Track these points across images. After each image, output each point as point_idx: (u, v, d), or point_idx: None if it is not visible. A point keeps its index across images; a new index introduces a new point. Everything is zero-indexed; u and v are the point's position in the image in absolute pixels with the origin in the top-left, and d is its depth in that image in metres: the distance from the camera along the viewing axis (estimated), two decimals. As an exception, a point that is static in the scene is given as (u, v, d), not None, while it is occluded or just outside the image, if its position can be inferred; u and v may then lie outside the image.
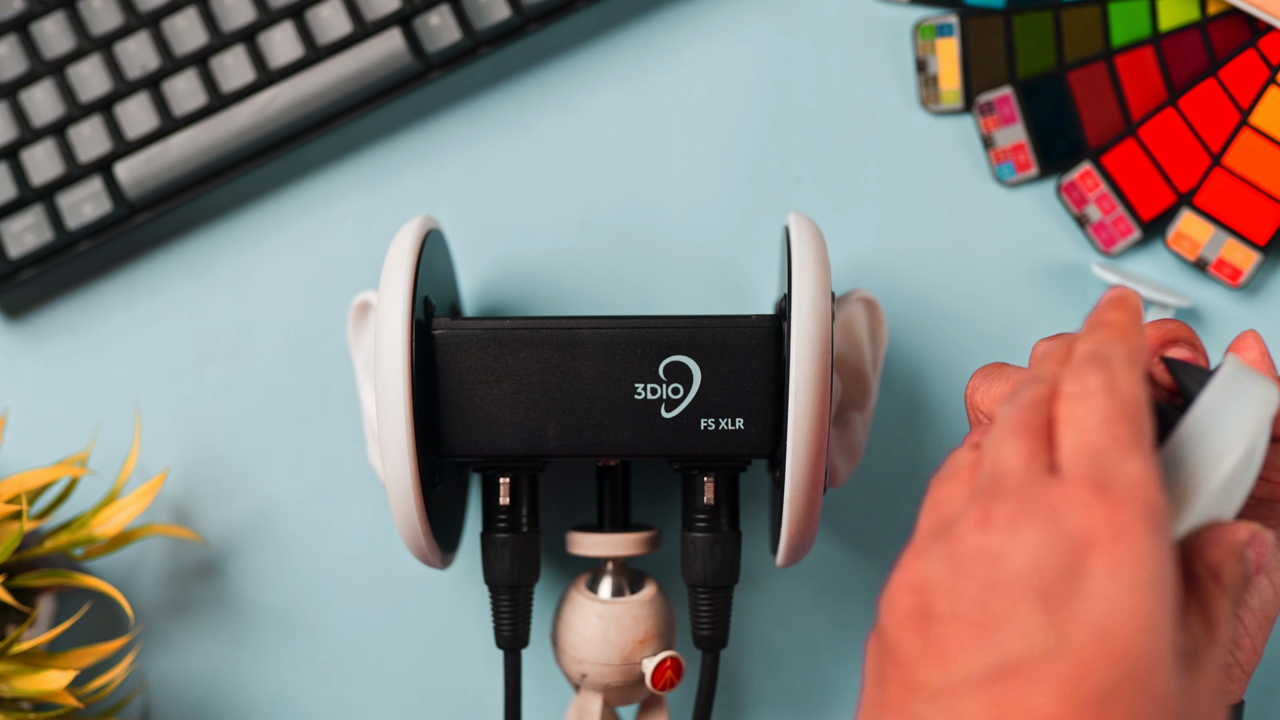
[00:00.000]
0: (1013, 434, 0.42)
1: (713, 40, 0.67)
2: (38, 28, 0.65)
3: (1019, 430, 0.42)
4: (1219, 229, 0.65)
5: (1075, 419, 0.41)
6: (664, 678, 0.58)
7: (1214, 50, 0.65)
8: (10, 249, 0.65)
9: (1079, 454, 0.40)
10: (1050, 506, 0.39)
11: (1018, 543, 0.39)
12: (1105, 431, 0.40)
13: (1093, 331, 0.44)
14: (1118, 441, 0.40)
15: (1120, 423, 0.41)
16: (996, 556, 0.39)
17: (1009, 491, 0.40)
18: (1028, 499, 0.40)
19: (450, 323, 0.55)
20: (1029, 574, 0.39)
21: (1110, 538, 0.39)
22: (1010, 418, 0.42)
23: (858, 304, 0.60)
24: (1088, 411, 0.41)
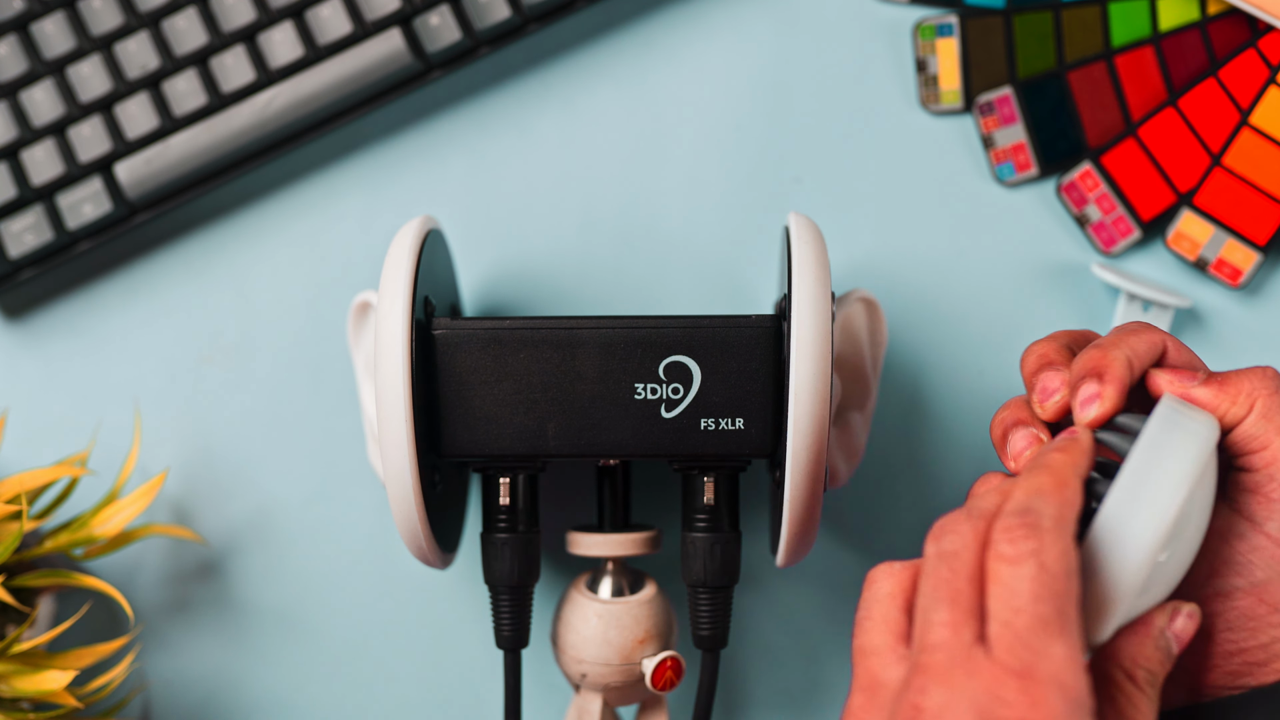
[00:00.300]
0: (939, 602, 0.43)
1: (713, 40, 0.67)
2: (38, 28, 0.65)
3: (946, 598, 0.43)
4: (1219, 229, 0.65)
5: (1003, 588, 0.43)
6: (664, 678, 0.58)
7: (1214, 50, 0.65)
8: (10, 249, 0.65)
9: (1006, 631, 0.42)
10: (977, 699, 0.41)
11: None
12: (1030, 612, 0.42)
13: (1031, 475, 0.45)
14: (1043, 624, 0.42)
15: (1045, 602, 0.42)
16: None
17: (937, 672, 0.42)
18: (955, 686, 0.42)
19: (450, 323, 0.55)
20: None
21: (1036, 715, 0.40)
22: (941, 579, 0.44)
23: (858, 304, 0.60)
24: (1016, 581, 0.42)
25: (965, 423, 0.65)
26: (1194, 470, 0.45)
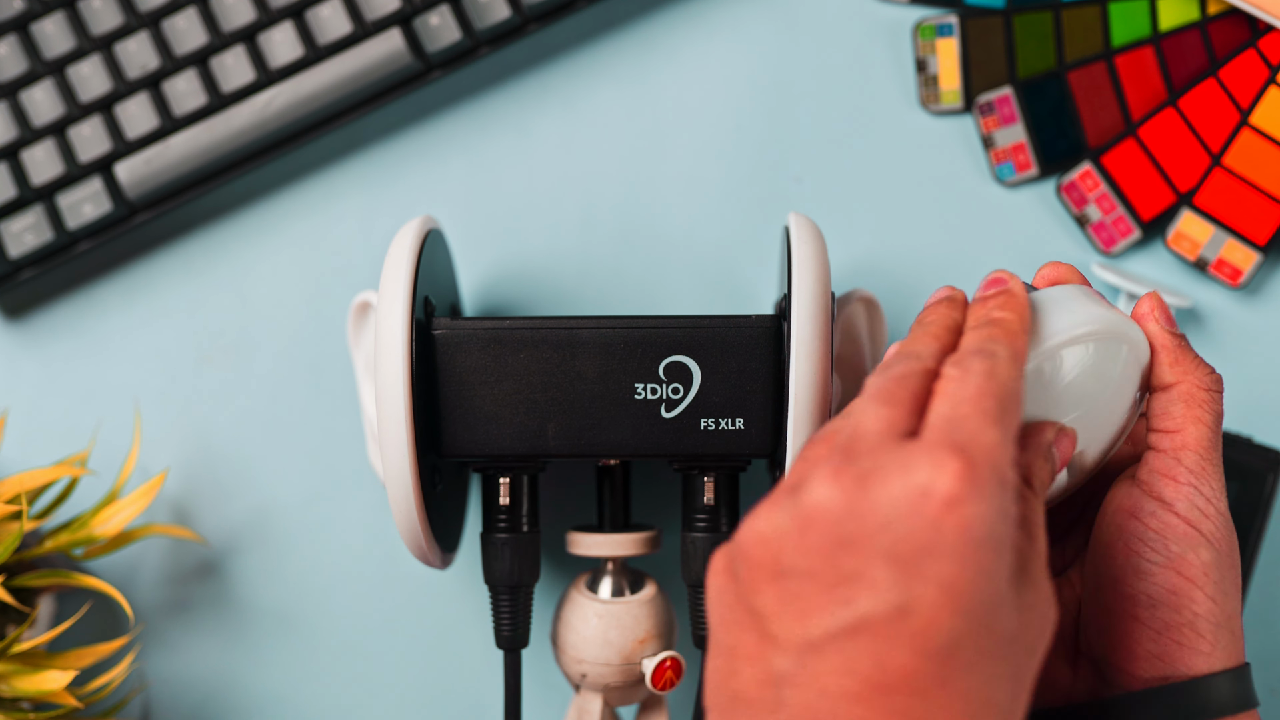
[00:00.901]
0: (875, 400, 0.43)
1: (713, 40, 0.67)
2: (38, 28, 0.65)
3: (883, 398, 0.43)
4: (1219, 229, 0.65)
5: (948, 393, 0.43)
6: (664, 678, 0.58)
7: (1214, 50, 0.65)
8: (10, 249, 0.65)
9: (941, 420, 0.42)
10: (903, 465, 0.40)
11: (868, 501, 0.40)
12: (973, 404, 0.42)
13: (981, 327, 0.45)
14: (983, 413, 0.42)
15: (989, 398, 0.42)
16: (846, 516, 0.40)
17: (862, 453, 0.41)
18: (879, 458, 0.41)
19: (450, 323, 0.55)
20: (878, 532, 0.40)
21: (961, 497, 0.40)
22: (878, 386, 0.44)
23: (858, 304, 0.60)
24: (961, 387, 0.42)
25: (965, 423, 0.65)
26: (1091, 326, 0.47)
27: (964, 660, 0.39)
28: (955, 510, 0.39)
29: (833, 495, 0.40)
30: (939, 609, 0.39)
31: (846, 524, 0.40)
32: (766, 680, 0.40)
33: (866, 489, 0.40)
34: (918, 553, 0.39)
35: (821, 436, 0.44)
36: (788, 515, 0.41)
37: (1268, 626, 0.65)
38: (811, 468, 0.42)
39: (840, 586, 0.40)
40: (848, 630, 0.39)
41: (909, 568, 0.39)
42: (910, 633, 0.39)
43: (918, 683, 0.39)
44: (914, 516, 0.40)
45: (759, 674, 0.41)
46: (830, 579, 0.40)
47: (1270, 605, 0.65)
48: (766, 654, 0.41)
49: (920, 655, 0.39)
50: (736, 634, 0.42)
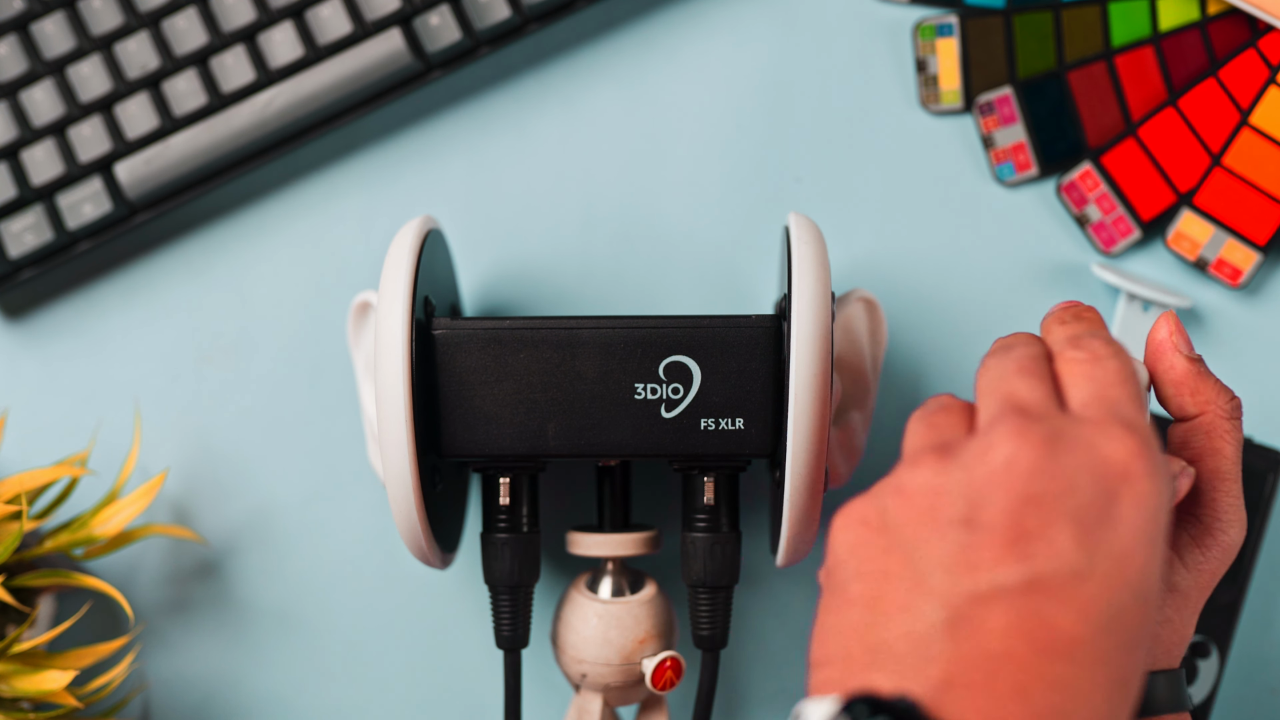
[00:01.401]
0: (1024, 374, 0.43)
1: (713, 40, 0.67)
2: (38, 28, 0.65)
3: (1028, 371, 0.43)
4: (1219, 229, 0.65)
5: (1088, 376, 0.43)
6: (664, 678, 0.58)
7: (1214, 50, 0.65)
8: (10, 249, 0.65)
9: (1099, 401, 0.42)
10: (1085, 438, 0.41)
11: (1057, 464, 0.40)
12: (1120, 388, 0.42)
13: (1076, 321, 0.46)
14: (1131, 398, 0.42)
15: (1130, 384, 0.43)
16: (1036, 473, 0.40)
17: (1038, 416, 0.41)
18: (1059, 427, 0.41)
19: (450, 323, 0.55)
20: (1065, 495, 0.40)
21: (1139, 473, 0.40)
22: (1015, 363, 0.44)
23: (858, 304, 0.60)
24: (1101, 371, 0.43)
25: (965, 423, 0.65)
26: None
27: (1120, 638, 0.39)
28: (1133, 485, 0.40)
29: (1021, 452, 0.40)
30: (1111, 579, 0.39)
31: (1034, 482, 0.40)
32: (921, 634, 0.39)
33: (1055, 451, 0.40)
34: (1098, 521, 0.40)
35: (944, 407, 0.45)
36: (964, 469, 0.41)
37: (1268, 626, 0.65)
38: (957, 433, 0.43)
39: (1020, 543, 0.39)
40: (1021, 587, 0.39)
41: (1090, 534, 0.39)
42: (1082, 599, 0.39)
43: (1078, 652, 0.39)
44: (1097, 486, 0.40)
45: (911, 627, 0.40)
46: (1010, 535, 0.40)
47: (1270, 605, 0.65)
48: (920, 606, 0.40)
49: (1086, 623, 0.39)
50: (881, 585, 0.41)
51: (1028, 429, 0.41)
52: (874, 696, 0.39)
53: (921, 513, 0.41)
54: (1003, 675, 0.38)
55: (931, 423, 0.44)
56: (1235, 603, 0.63)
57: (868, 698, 0.38)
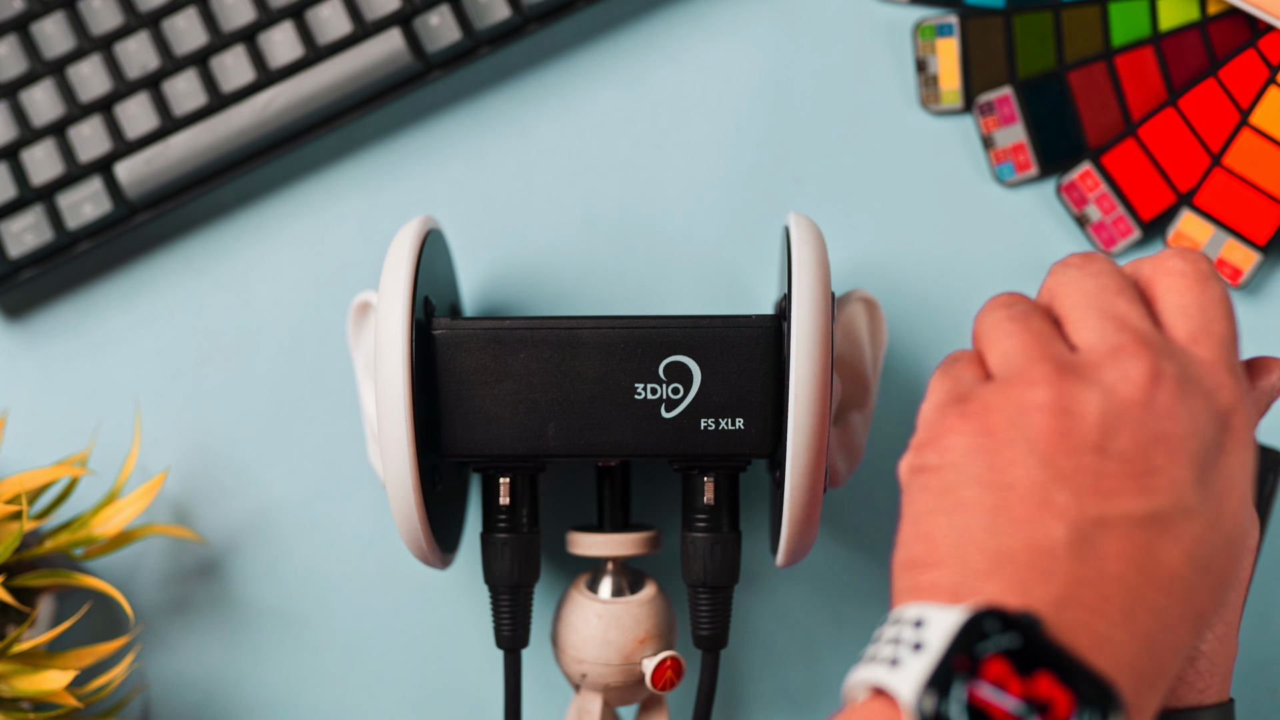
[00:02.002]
0: (1124, 295, 0.44)
1: (713, 40, 0.67)
2: (38, 28, 0.65)
3: (1129, 295, 0.44)
4: (1219, 229, 0.65)
5: (1193, 302, 0.44)
6: (664, 678, 0.58)
7: (1214, 50, 0.65)
8: (10, 249, 0.65)
9: (1207, 335, 0.43)
10: (1206, 379, 0.42)
11: (1185, 406, 0.42)
12: (1225, 321, 0.44)
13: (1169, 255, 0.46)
14: (1234, 335, 0.44)
15: (1232, 316, 0.44)
16: (1167, 413, 0.42)
17: (1163, 351, 0.42)
18: (1185, 365, 0.42)
19: (450, 323, 0.55)
20: (1189, 437, 0.41)
21: (1240, 421, 0.43)
22: (1112, 281, 0.45)
23: (858, 304, 0.60)
24: (1205, 295, 0.44)
25: (965, 423, 0.65)
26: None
27: (1210, 579, 0.41)
28: (1235, 433, 0.42)
29: (1156, 390, 0.42)
30: (1212, 521, 0.41)
31: (1166, 422, 0.41)
32: (1044, 548, 0.40)
33: (1184, 393, 0.42)
34: (1210, 465, 0.42)
35: (1020, 316, 0.45)
36: (1099, 396, 0.42)
37: (1268, 626, 0.65)
38: (1057, 348, 0.43)
39: (1147, 476, 0.41)
40: (1142, 519, 0.40)
41: (1205, 476, 0.41)
42: (1188, 536, 0.41)
43: (1175, 585, 0.40)
44: (1214, 429, 0.42)
45: (1035, 539, 0.40)
46: (1139, 468, 0.41)
47: (1270, 605, 0.65)
48: (1045, 521, 0.40)
49: (1187, 560, 0.41)
50: (1006, 495, 0.41)
51: (1162, 367, 0.42)
52: (1002, 610, 0.39)
53: (1056, 431, 0.41)
54: (1114, 598, 0.40)
55: (1028, 326, 0.44)
56: (1235, 603, 0.63)
57: (997, 611, 0.39)
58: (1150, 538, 0.40)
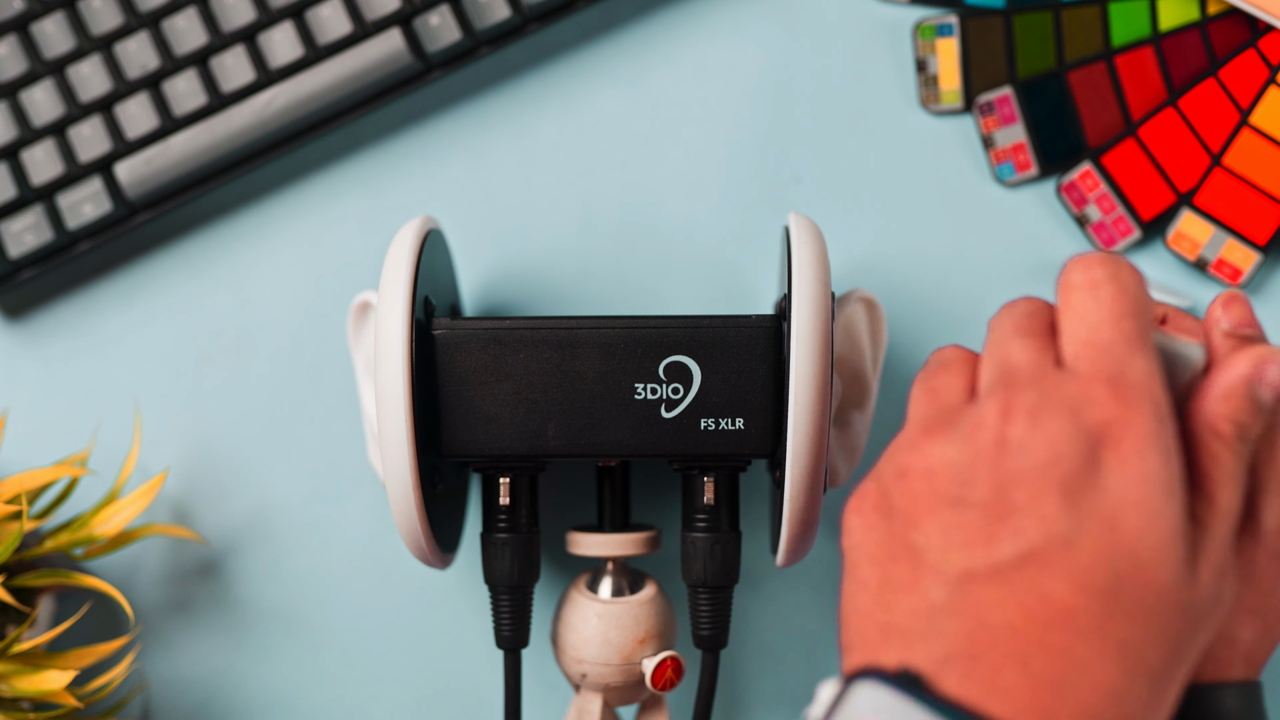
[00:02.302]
0: (1018, 334, 0.43)
1: (713, 40, 0.67)
2: (38, 28, 0.65)
3: (1023, 330, 0.43)
4: (1219, 229, 0.65)
5: (1083, 311, 0.42)
6: (664, 678, 0.58)
7: (1214, 50, 0.65)
8: (10, 249, 0.65)
9: (1088, 348, 0.42)
10: (1068, 400, 0.40)
11: (1040, 435, 0.40)
12: (1113, 327, 0.42)
13: (1096, 263, 0.44)
14: (1125, 338, 0.41)
15: (1127, 319, 0.42)
16: (1020, 447, 0.41)
17: (1025, 383, 0.41)
18: (1045, 391, 0.41)
19: (450, 323, 0.55)
20: (1050, 465, 0.40)
21: (1121, 433, 0.40)
22: (1012, 322, 0.44)
23: (858, 304, 0.60)
24: (1095, 304, 0.42)
25: (965, 423, 0.65)
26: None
27: (1124, 608, 0.39)
28: (1117, 447, 0.40)
29: (1007, 428, 0.41)
30: (1103, 545, 0.39)
31: (1019, 457, 0.40)
32: (924, 611, 0.40)
33: (1038, 421, 0.40)
34: (1084, 488, 0.40)
35: (945, 364, 0.45)
36: (957, 448, 0.42)
37: (1268, 626, 0.65)
38: (955, 398, 0.43)
39: (1011, 518, 0.40)
40: (1015, 561, 0.40)
41: (1078, 501, 0.39)
42: (1075, 567, 0.39)
43: (1077, 621, 0.39)
44: (1081, 451, 0.40)
45: (915, 605, 0.41)
46: (1000, 510, 0.40)
47: (1270, 605, 0.65)
48: (924, 585, 0.41)
49: (1082, 592, 0.39)
50: (889, 568, 0.42)
51: (1014, 401, 0.41)
52: (878, 670, 0.39)
53: (919, 494, 0.42)
54: (1002, 646, 0.39)
55: (931, 387, 0.44)
56: (1235, 603, 0.63)
57: (872, 671, 0.39)
58: (1029, 578, 0.39)
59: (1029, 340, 0.43)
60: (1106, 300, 0.42)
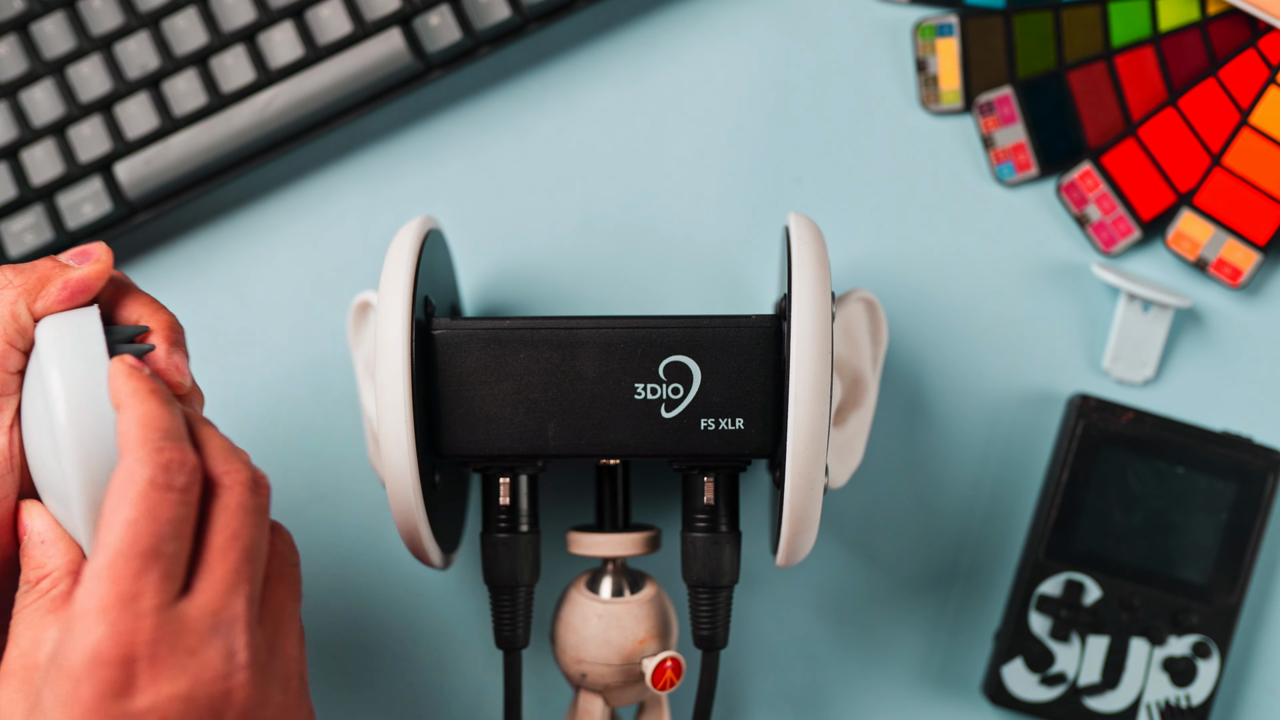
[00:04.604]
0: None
1: (713, 40, 0.67)
2: (38, 28, 0.65)
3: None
4: (1219, 229, 0.65)
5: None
6: (664, 678, 0.58)
7: (1214, 50, 0.65)
8: (10, 249, 0.65)
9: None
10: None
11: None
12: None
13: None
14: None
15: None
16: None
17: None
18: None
19: (450, 323, 0.55)
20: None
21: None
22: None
23: (858, 304, 0.60)
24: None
25: (965, 423, 0.65)
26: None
27: None
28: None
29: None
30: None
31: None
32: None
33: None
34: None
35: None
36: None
37: (1268, 627, 0.65)
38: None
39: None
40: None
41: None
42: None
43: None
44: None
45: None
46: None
47: (1270, 605, 0.65)
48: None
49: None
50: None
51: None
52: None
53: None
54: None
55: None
56: (1235, 603, 0.63)
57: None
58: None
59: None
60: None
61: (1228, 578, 0.63)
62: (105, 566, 0.42)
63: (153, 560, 0.43)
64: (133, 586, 0.42)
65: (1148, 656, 0.63)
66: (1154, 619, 0.63)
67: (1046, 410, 0.65)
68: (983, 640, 0.65)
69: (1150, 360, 0.65)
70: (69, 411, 0.45)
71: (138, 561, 0.42)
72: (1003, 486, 0.65)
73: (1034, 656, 0.63)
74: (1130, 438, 0.63)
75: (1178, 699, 0.63)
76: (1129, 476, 0.63)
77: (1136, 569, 0.63)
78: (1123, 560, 0.63)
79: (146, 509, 0.43)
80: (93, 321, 0.47)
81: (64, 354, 0.46)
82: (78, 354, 0.46)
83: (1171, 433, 0.63)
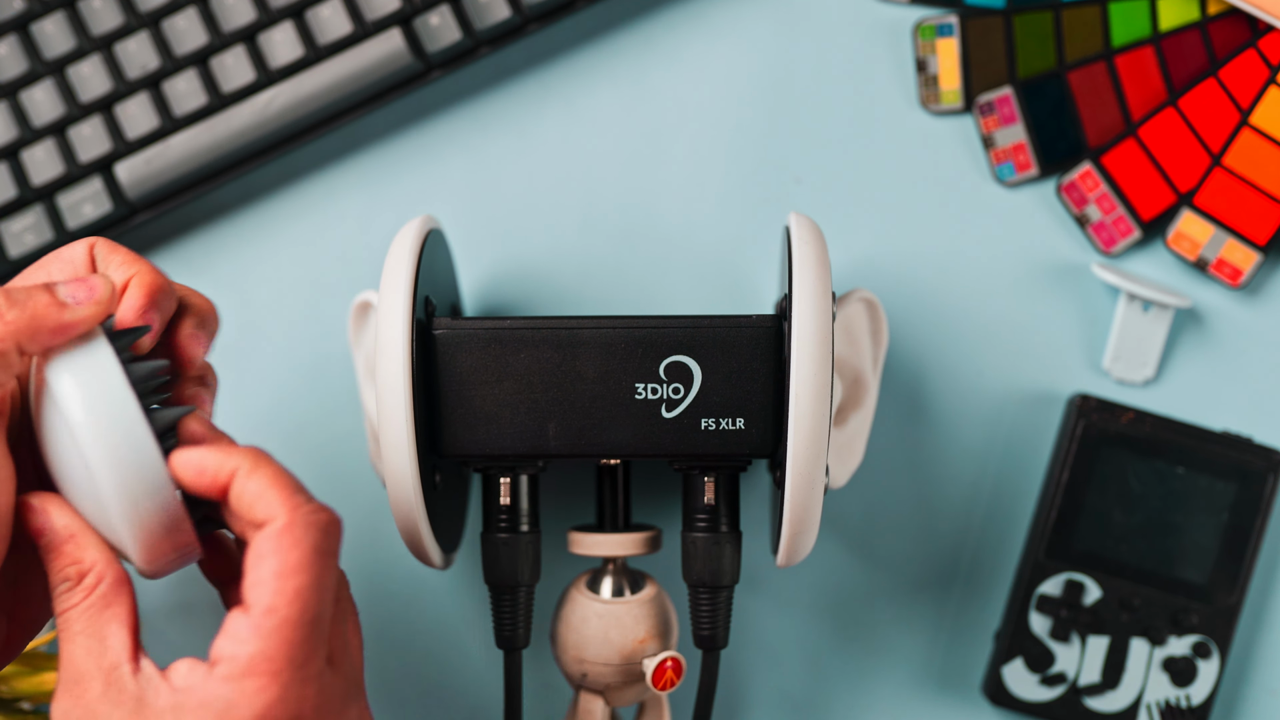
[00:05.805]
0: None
1: (713, 40, 0.67)
2: (38, 28, 0.65)
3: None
4: (1219, 229, 0.65)
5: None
6: (664, 678, 0.58)
7: (1214, 50, 0.65)
8: (10, 249, 0.65)
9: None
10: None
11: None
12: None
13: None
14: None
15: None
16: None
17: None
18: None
19: (450, 323, 0.55)
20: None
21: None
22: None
23: (858, 304, 0.60)
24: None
25: (965, 423, 0.65)
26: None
27: None
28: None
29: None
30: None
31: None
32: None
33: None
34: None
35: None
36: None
37: (1268, 627, 0.65)
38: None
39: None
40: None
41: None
42: None
43: None
44: None
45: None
46: None
47: (1270, 605, 0.65)
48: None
49: None
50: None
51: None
52: None
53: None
54: None
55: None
56: (1235, 603, 0.63)
57: None
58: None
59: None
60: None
61: (1228, 578, 0.63)
62: (276, 630, 0.44)
63: (318, 627, 0.45)
64: (302, 652, 0.44)
65: (1148, 656, 0.63)
66: (1154, 619, 0.63)
67: (1046, 410, 0.65)
68: (983, 640, 0.65)
69: (1150, 360, 0.65)
70: (109, 468, 0.45)
71: (307, 629, 0.44)
72: (1003, 486, 0.65)
73: (1034, 656, 0.63)
74: (1130, 438, 0.63)
75: (1178, 699, 0.63)
76: (1129, 476, 0.63)
77: (1137, 569, 0.63)
78: (1123, 560, 0.63)
79: (314, 578, 0.45)
80: (106, 356, 0.46)
81: (88, 404, 0.45)
82: (101, 399, 0.45)
83: (1171, 433, 0.63)
